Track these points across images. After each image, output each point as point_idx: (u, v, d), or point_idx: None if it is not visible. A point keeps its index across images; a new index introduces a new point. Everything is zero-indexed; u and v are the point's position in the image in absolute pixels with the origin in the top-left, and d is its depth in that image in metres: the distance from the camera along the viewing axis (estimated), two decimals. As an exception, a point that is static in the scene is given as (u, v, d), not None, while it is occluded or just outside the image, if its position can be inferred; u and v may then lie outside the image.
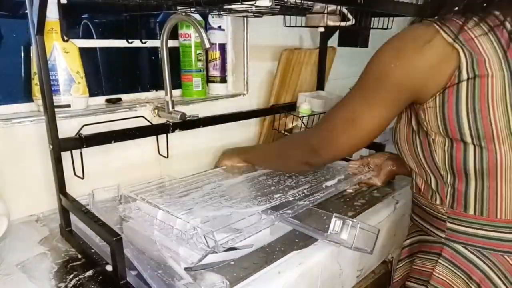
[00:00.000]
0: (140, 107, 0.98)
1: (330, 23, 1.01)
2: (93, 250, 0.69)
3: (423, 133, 0.63)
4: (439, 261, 0.64)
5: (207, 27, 1.16)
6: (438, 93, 0.57)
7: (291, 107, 1.30)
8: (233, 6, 0.87)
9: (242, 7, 0.88)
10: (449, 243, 0.64)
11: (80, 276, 0.64)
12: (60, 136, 0.71)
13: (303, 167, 0.87)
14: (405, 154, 0.69)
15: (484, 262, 0.61)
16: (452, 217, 0.63)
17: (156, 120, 0.99)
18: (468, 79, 0.54)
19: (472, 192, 0.60)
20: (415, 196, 0.72)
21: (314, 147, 0.76)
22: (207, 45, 0.83)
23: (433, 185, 0.65)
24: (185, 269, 0.63)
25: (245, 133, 1.27)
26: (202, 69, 1.12)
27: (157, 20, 1.16)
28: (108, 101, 1.01)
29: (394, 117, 0.66)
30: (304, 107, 1.24)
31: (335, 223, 0.70)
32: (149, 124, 0.94)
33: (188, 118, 0.95)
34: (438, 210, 0.65)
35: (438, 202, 0.65)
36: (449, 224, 0.64)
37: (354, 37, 1.23)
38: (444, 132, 0.59)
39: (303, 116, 1.22)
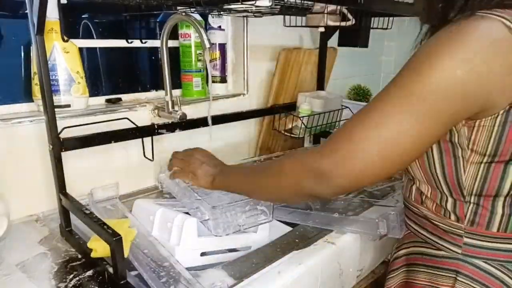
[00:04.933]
0: (140, 107, 0.98)
1: (330, 23, 1.01)
2: (93, 250, 0.69)
3: (450, 151, 0.56)
4: (458, 278, 0.59)
5: (207, 27, 1.16)
6: (502, 111, 0.49)
7: (291, 107, 1.30)
8: (233, 6, 0.87)
9: (242, 7, 0.88)
10: (468, 259, 0.59)
11: (80, 276, 0.64)
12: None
13: (301, 199, 0.68)
14: (414, 171, 0.62)
15: (508, 276, 0.57)
16: (471, 232, 0.58)
17: (157, 120, 0.99)
18: None
19: (499, 211, 0.56)
20: (416, 206, 0.65)
21: (322, 169, 0.54)
22: (207, 45, 0.83)
23: (449, 205, 0.59)
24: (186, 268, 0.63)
25: (245, 133, 1.27)
26: (202, 69, 1.12)
27: (157, 20, 1.16)
28: (108, 101, 1.01)
29: (443, 135, 0.54)
30: (304, 107, 1.24)
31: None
32: (135, 126, 0.91)
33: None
34: (452, 225, 0.60)
35: (453, 219, 0.59)
36: (466, 239, 0.59)
37: (354, 37, 1.23)
38: (492, 152, 0.52)
39: (303, 116, 1.22)
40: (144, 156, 0.97)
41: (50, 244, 0.74)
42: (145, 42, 1.07)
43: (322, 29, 1.06)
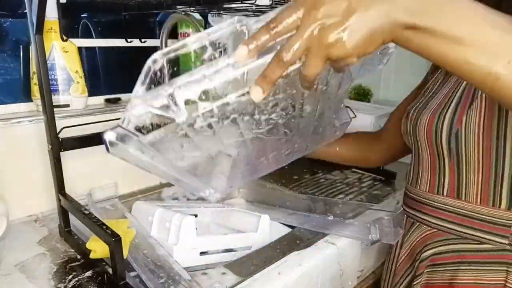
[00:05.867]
0: (140, 106, 0.98)
1: (331, 22, 1.00)
2: (92, 251, 0.69)
3: None
4: (511, 270, 0.58)
5: (206, 26, 1.16)
6: None
7: (291, 107, 1.29)
8: (233, 5, 0.86)
9: (242, 6, 0.88)
10: None
11: (79, 277, 0.64)
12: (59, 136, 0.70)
13: None
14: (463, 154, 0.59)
15: None
16: None
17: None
18: None
19: None
20: (449, 202, 0.64)
21: None
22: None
23: (504, 190, 0.58)
24: (185, 268, 0.63)
25: (245, 132, 1.27)
26: (201, 69, 1.12)
27: (157, 19, 1.16)
28: (107, 100, 1.01)
29: None
30: (304, 107, 1.24)
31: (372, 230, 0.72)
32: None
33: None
34: (500, 216, 0.59)
35: (504, 207, 0.58)
36: None
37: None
38: None
39: (303, 116, 1.21)
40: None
41: (49, 245, 0.74)
42: (145, 42, 1.07)
43: (322, 29, 1.05)
